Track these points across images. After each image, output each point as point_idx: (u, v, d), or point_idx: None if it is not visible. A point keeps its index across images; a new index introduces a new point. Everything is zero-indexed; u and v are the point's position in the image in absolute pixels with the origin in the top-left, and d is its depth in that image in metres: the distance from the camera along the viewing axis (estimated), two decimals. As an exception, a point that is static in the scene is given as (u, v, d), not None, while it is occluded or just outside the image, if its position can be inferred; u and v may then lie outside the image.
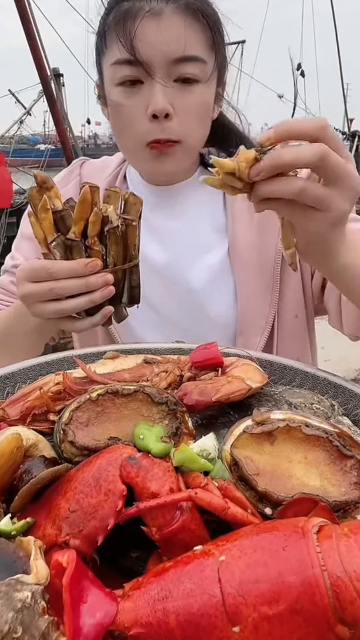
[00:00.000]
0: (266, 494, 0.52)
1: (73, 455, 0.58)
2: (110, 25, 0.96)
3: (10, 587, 0.42)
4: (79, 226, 0.83)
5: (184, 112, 0.97)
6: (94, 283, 0.83)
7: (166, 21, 0.93)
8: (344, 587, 0.42)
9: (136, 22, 0.92)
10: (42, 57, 6.80)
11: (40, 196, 0.84)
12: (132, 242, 0.88)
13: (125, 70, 0.95)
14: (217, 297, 1.10)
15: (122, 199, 0.87)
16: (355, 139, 11.46)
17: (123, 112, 0.99)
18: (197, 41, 0.95)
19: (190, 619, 0.43)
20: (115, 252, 0.86)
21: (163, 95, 0.94)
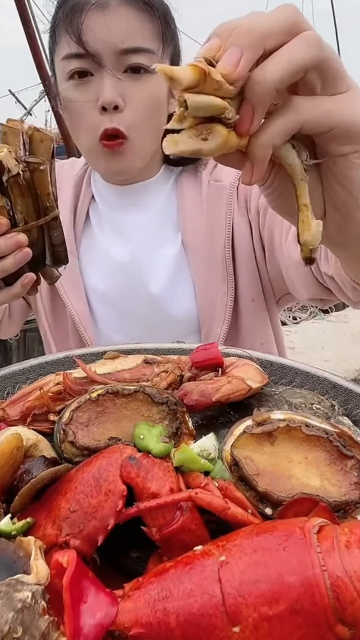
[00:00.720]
0: (266, 494, 0.52)
1: (73, 456, 0.58)
2: (59, 21, 0.97)
3: (10, 587, 0.42)
4: None
5: (134, 103, 0.97)
6: (2, 247, 0.69)
7: (112, 13, 0.93)
8: (344, 587, 0.42)
9: (82, 15, 0.93)
10: (42, 57, 6.79)
11: None
12: (43, 191, 0.71)
13: (74, 64, 0.96)
14: (178, 292, 1.11)
15: (25, 136, 0.70)
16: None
17: (75, 106, 0.99)
18: (144, 32, 0.96)
19: (190, 619, 0.43)
20: (23, 206, 0.70)
21: (112, 87, 0.95)
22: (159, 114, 1.02)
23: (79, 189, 1.16)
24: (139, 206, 1.13)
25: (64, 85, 0.99)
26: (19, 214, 0.70)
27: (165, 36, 0.99)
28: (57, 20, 0.98)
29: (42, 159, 0.70)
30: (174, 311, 1.11)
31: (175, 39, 1.03)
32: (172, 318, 1.11)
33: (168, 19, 1.00)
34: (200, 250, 1.10)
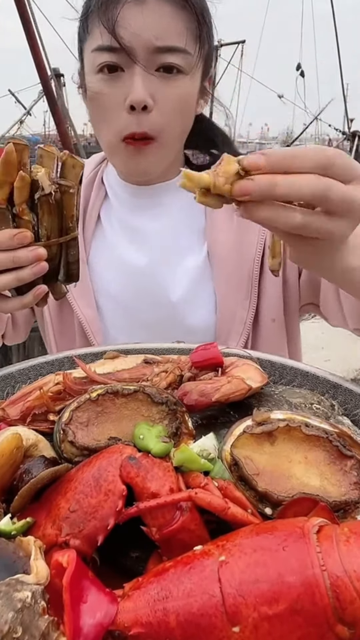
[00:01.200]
0: (266, 494, 0.52)
1: (73, 455, 0.58)
2: (93, 10, 0.94)
3: (10, 587, 0.42)
4: (3, 191, 0.71)
5: (165, 103, 0.95)
6: (22, 258, 0.72)
7: (150, 8, 0.90)
8: (344, 587, 0.42)
9: (118, 7, 0.90)
10: (42, 57, 6.79)
11: None
12: (69, 212, 0.76)
13: (105, 57, 0.93)
14: (197, 304, 1.08)
15: (59, 160, 0.75)
16: (355, 139, 11.45)
17: (101, 101, 0.96)
18: (181, 31, 0.93)
19: (190, 619, 0.43)
20: (49, 223, 0.74)
21: (143, 86, 0.92)
22: (187, 115, 1.01)
23: (89, 191, 1.14)
24: (157, 208, 1.10)
25: (92, 78, 0.96)
26: (43, 230, 0.74)
27: (201, 36, 0.96)
28: (90, 8, 0.95)
29: (72, 183, 0.75)
30: (191, 322, 1.08)
31: (210, 38, 0.99)
32: (188, 328, 1.08)
33: (205, 16, 0.97)
34: (227, 264, 1.07)
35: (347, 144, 12.11)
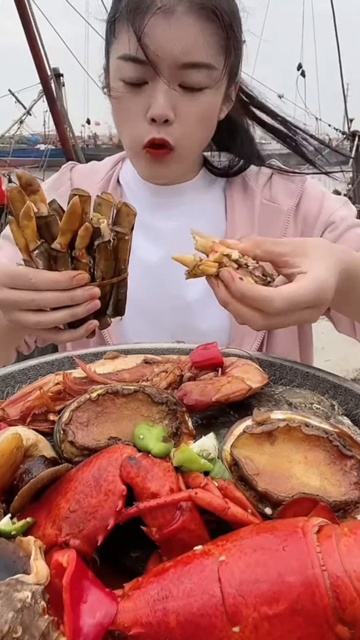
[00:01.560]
0: (266, 494, 0.52)
1: (73, 455, 0.58)
2: (121, 15, 0.92)
3: (10, 587, 0.42)
4: (65, 237, 0.77)
5: (186, 118, 0.95)
6: (79, 297, 0.78)
7: (177, 21, 0.89)
8: (344, 587, 0.42)
9: (146, 18, 0.88)
10: (42, 57, 6.78)
11: (22, 198, 0.77)
12: (122, 256, 0.82)
13: (130, 68, 0.93)
14: (212, 305, 1.06)
15: (115, 208, 0.82)
16: (355, 139, 11.45)
17: (124, 109, 0.97)
18: (208, 45, 0.92)
19: (190, 619, 0.43)
20: (104, 267, 0.80)
21: (165, 100, 0.92)
22: (208, 126, 1.01)
23: None
24: (176, 208, 1.11)
25: (116, 84, 0.96)
26: (98, 272, 0.80)
27: (228, 47, 0.95)
28: (118, 11, 0.93)
29: (127, 230, 0.82)
30: (205, 323, 1.08)
31: (239, 47, 0.98)
32: (201, 329, 1.08)
33: (235, 26, 0.95)
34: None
35: (347, 144, 12.10)
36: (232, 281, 0.71)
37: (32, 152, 16.34)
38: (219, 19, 0.91)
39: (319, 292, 0.71)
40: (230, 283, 0.71)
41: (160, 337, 0.99)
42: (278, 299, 0.69)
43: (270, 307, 0.69)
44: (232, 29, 0.94)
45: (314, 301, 0.71)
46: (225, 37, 0.93)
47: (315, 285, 0.70)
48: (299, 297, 0.70)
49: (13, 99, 14.25)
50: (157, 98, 0.92)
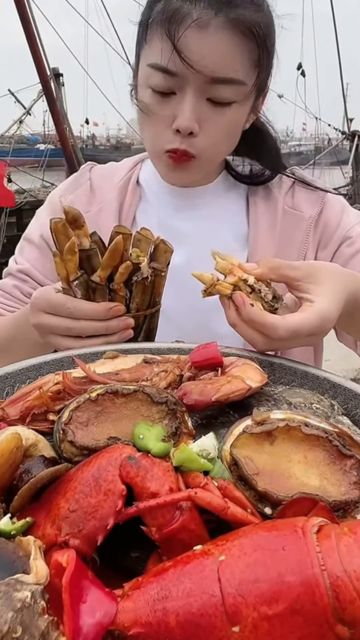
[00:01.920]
0: (266, 493, 0.52)
1: (73, 455, 0.58)
2: (155, 21, 0.91)
3: (10, 586, 0.42)
4: (106, 272, 0.82)
5: (211, 131, 0.95)
6: (114, 327, 0.83)
7: (212, 36, 0.88)
8: (343, 586, 0.42)
9: (181, 29, 0.87)
10: (41, 57, 6.80)
11: (66, 231, 0.81)
12: (157, 290, 0.87)
13: (160, 78, 0.92)
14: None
15: (153, 244, 0.86)
16: (355, 138, 11.45)
17: (150, 117, 0.97)
18: (240, 62, 0.91)
19: (190, 619, 0.43)
20: (141, 300, 0.85)
21: (191, 113, 0.92)
22: (233, 138, 1.01)
23: (123, 194, 1.14)
24: (199, 210, 1.12)
25: (144, 91, 0.97)
26: (134, 304, 0.86)
27: (261, 63, 0.94)
28: (153, 16, 0.92)
29: (163, 266, 0.87)
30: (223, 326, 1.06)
31: (270, 61, 0.97)
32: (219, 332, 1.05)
33: (268, 42, 0.94)
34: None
35: (347, 144, 12.11)
36: (243, 306, 0.75)
37: (32, 151, 16.35)
38: (254, 36, 0.90)
39: (321, 322, 0.75)
40: (241, 307, 0.76)
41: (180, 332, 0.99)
42: (282, 327, 0.73)
43: (275, 333, 0.74)
44: (265, 45, 0.93)
45: (315, 330, 0.75)
46: (259, 53, 0.92)
47: (318, 317, 0.75)
48: (302, 328, 0.74)
49: (13, 99, 14.24)
50: (184, 110, 0.92)
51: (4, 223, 9.37)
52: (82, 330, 0.83)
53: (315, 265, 0.83)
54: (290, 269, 0.79)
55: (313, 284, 0.78)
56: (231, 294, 0.77)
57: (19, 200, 10.00)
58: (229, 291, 0.77)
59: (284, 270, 0.79)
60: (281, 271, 0.79)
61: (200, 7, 0.87)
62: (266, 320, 0.74)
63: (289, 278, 0.79)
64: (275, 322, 0.74)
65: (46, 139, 19.52)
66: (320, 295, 0.77)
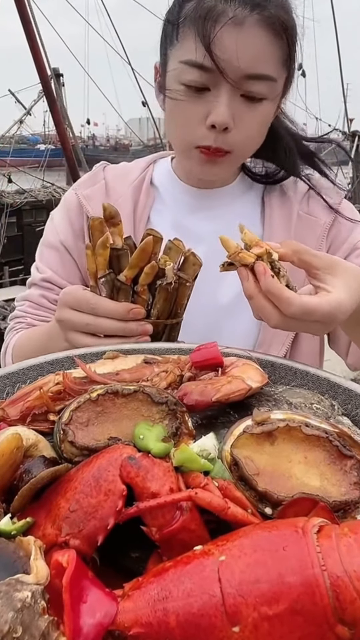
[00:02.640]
0: (266, 494, 0.52)
1: (73, 455, 0.58)
2: (188, 18, 0.93)
3: (10, 587, 0.42)
4: (132, 271, 0.83)
5: (244, 127, 0.96)
6: (132, 329, 0.83)
7: (247, 33, 0.90)
8: (344, 587, 0.42)
9: (217, 27, 0.89)
10: (42, 57, 6.80)
11: (102, 229, 0.83)
12: (180, 301, 0.88)
13: (195, 74, 0.93)
14: (243, 310, 1.05)
15: (183, 255, 0.88)
16: (356, 139, 11.46)
17: (182, 112, 0.98)
18: (273, 59, 0.93)
19: (190, 619, 0.43)
20: (162, 307, 0.86)
21: (227, 108, 0.93)
22: (264, 133, 1.03)
23: (137, 195, 1.15)
24: (213, 210, 1.12)
25: (176, 87, 0.97)
26: (155, 310, 0.86)
27: (289, 62, 0.97)
28: (185, 15, 0.94)
29: (190, 277, 0.87)
30: (235, 327, 1.09)
31: (295, 61, 0.99)
32: (230, 333, 1.08)
33: (296, 41, 0.97)
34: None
35: (347, 144, 12.11)
36: (264, 275, 0.74)
37: (32, 152, 16.35)
38: (286, 35, 0.93)
39: (333, 311, 0.75)
40: (261, 276, 0.75)
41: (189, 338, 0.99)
42: (296, 304, 0.73)
43: (289, 309, 0.73)
44: (294, 44, 0.96)
45: (326, 318, 0.75)
46: (288, 52, 0.95)
47: (332, 305, 0.75)
48: (315, 310, 0.74)
49: (13, 99, 14.23)
50: (219, 105, 0.93)
51: (4, 223, 9.38)
52: (100, 327, 0.84)
53: (337, 259, 0.83)
54: (312, 256, 0.79)
55: (331, 275, 0.78)
56: (253, 264, 0.76)
57: (19, 200, 10.01)
58: (252, 260, 0.76)
59: (306, 255, 0.79)
60: (303, 256, 0.79)
61: (235, 5, 0.90)
62: (283, 293, 0.74)
63: (309, 265, 0.79)
64: (291, 297, 0.74)
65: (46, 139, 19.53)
66: (337, 287, 0.77)
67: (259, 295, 0.76)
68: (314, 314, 0.74)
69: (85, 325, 0.84)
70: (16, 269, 9.21)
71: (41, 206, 10.14)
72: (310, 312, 0.74)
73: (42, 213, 9.86)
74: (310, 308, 0.74)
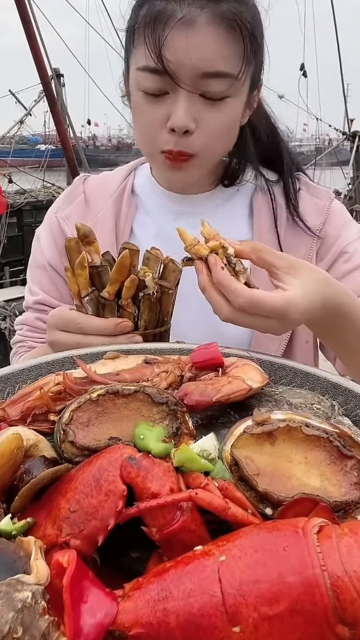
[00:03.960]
0: (266, 494, 0.52)
1: (73, 456, 0.58)
2: (140, 24, 0.91)
3: (10, 587, 0.42)
4: (114, 287, 0.84)
5: (207, 128, 0.94)
6: (122, 343, 0.84)
7: (199, 32, 0.87)
8: (344, 587, 0.42)
9: (167, 29, 0.87)
10: (42, 57, 6.79)
11: (79, 249, 0.84)
12: (165, 308, 0.88)
13: (150, 80, 0.92)
14: None
15: (162, 263, 0.88)
16: (356, 139, 11.45)
17: (143, 117, 0.97)
18: (229, 55, 0.90)
19: (190, 619, 0.43)
20: (148, 317, 0.86)
21: (185, 111, 0.91)
22: (230, 134, 1.00)
23: (119, 206, 1.13)
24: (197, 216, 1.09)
25: (136, 94, 0.96)
26: (142, 321, 0.87)
27: (248, 55, 0.93)
28: (137, 20, 0.92)
29: (171, 285, 0.88)
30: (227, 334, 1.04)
31: (259, 53, 0.97)
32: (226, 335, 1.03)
33: (256, 33, 0.93)
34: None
35: (347, 144, 12.10)
36: (215, 266, 0.76)
37: (33, 152, 16.34)
38: (240, 28, 0.90)
39: (284, 308, 0.75)
40: (212, 268, 0.76)
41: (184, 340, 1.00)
42: (243, 295, 0.74)
43: (236, 300, 0.74)
44: (253, 37, 0.93)
45: (277, 314, 0.75)
46: (246, 45, 0.92)
47: (283, 301, 0.75)
48: (263, 303, 0.74)
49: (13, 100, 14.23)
50: (177, 109, 0.91)
51: (5, 223, 9.38)
52: (91, 345, 0.84)
53: (300, 261, 0.82)
54: (273, 255, 0.79)
55: (291, 275, 0.78)
56: (207, 257, 0.78)
57: (19, 200, 10.01)
58: (206, 252, 0.78)
59: (265, 254, 0.79)
60: (262, 254, 0.79)
61: (185, 5, 0.88)
62: (231, 284, 0.75)
63: (269, 264, 0.79)
64: (239, 288, 0.74)
65: (47, 140, 19.52)
66: (294, 285, 0.77)
67: (211, 287, 0.77)
68: (262, 308, 0.74)
69: (76, 344, 0.84)
70: (16, 269, 9.21)
71: (42, 206, 10.13)
72: (258, 305, 0.74)
73: (43, 213, 9.73)
74: (257, 300, 0.74)
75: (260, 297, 0.74)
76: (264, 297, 0.75)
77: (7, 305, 5.67)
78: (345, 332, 0.87)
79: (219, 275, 0.75)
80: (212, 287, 0.77)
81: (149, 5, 0.90)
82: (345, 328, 0.86)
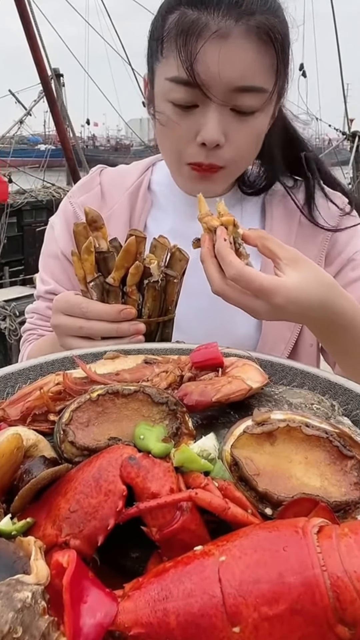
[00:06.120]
0: (266, 494, 0.52)
1: (73, 456, 0.58)
2: (171, 34, 0.88)
3: (10, 587, 0.42)
4: (119, 273, 0.84)
5: (237, 141, 0.93)
6: (124, 330, 0.84)
7: (233, 45, 0.86)
8: (344, 587, 0.42)
9: (200, 41, 0.85)
10: (42, 57, 6.80)
11: (86, 234, 0.84)
12: (170, 298, 0.88)
13: (181, 92, 0.90)
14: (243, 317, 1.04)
15: (169, 251, 0.88)
16: (356, 139, 11.44)
17: (171, 129, 0.95)
18: (262, 69, 0.89)
19: (190, 619, 0.43)
20: (152, 305, 0.86)
21: (217, 125, 0.90)
22: (258, 146, 1.00)
23: (134, 201, 1.13)
24: None
25: (164, 105, 0.94)
26: (145, 309, 0.87)
27: (279, 69, 0.92)
28: (168, 30, 0.89)
29: (177, 274, 0.88)
30: (234, 334, 1.07)
31: (287, 67, 0.95)
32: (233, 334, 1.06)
33: (286, 47, 0.92)
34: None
35: (347, 144, 12.09)
36: (220, 237, 0.78)
37: (33, 152, 16.34)
38: (273, 42, 0.88)
39: (272, 289, 0.75)
40: (217, 238, 0.78)
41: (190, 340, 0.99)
42: (236, 267, 0.75)
43: (229, 270, 0.76)
44: (284, 50, 0.91)
45: (265, 294, 0.76)
46: (279, 60, 0.91)
47: (274, 284, 0.76)
48: (252, 278, 0.75)
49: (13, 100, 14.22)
50: (208, 122, 0.90)
51: (5, 223, 9.37)
52: (93, 330, 0.84)
53: (308, 260, 0.82)
54: (277, 246, 0.80)
55: (292, 267, 0.79)
56: (215, 228, 0.80)
57: (19, 200, 10.01)
58: (217, 224, 0.80)
59: (270, 243, 0.80)
60: (268, 243, 0.80)
61: (218, 17, 0.85)
62: (228, 255, 0.76)
63: (273, 253, 0.80)
64: (234, 261, 0.76)
65: (47, 140, 19.52)
66: (290, 276, 0.78)
67: (210, 259, 0.79)
68: (251, 283, 0.75)
69: (79, 329, 0.85)
70: (16, 269, 9.21)
71: (41, 206, 10.14)
72: (248, 278, 0.75)
73: (43, 213, 9.86)
74: (248, 275, 0.75)
75: (251, 273, 0.75)
76: (254, 273, 0.75)
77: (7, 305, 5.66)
78: (346, 337, 0.87)
79: (220, 245, 0.76)
80: (211, 259, 0.78)
81: (180, 13, 0.88)
82: (346, 334, 0.86)
